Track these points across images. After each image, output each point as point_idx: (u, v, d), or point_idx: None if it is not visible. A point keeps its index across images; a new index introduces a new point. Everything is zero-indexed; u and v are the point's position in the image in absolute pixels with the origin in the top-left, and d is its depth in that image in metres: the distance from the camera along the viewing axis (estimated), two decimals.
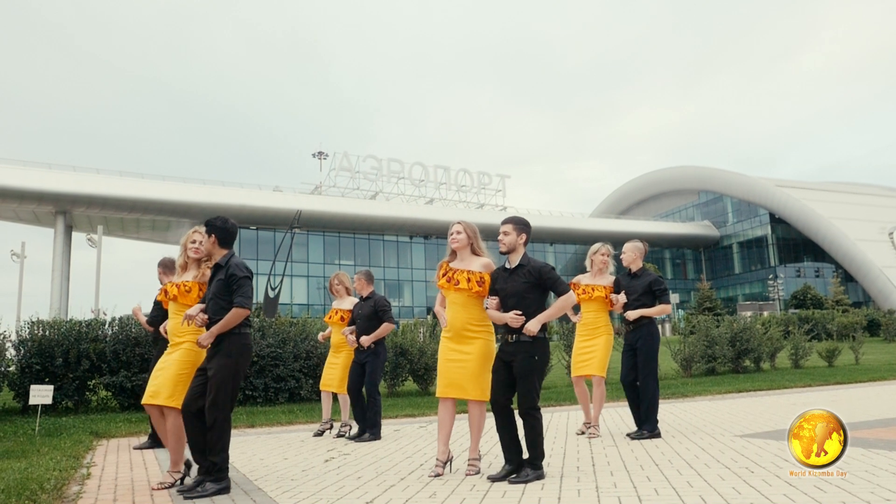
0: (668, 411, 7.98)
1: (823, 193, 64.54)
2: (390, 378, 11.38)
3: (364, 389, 6.60)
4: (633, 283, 6.20)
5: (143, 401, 4.50)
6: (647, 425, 5.94)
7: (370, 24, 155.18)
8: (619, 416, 7.67)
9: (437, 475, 4.40)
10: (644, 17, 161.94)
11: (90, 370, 9.37)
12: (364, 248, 53.41)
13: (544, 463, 4.44)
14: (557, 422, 7.38)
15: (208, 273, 4.50)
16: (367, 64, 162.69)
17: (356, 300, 6.98)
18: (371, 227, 52.82)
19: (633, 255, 6.27)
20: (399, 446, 5.98)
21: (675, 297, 57.60)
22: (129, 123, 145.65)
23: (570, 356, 12.57)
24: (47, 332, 9.37)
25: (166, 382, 4.40)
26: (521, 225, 4.54)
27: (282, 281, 27.97)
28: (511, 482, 4.11)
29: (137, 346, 9.49)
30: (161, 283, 6.40)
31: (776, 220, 63.41)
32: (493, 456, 5.18)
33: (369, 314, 6.59)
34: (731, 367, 14.55)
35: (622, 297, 6.14)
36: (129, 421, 8.10)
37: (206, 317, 4.31)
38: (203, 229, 4.54)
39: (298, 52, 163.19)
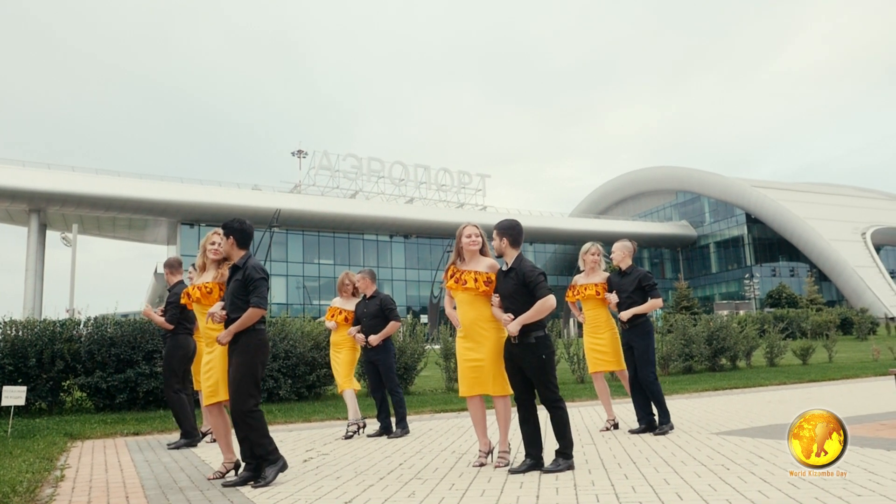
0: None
1: (799, 194, 65.48)
2: None
3: (386, 388, 6.70)
4: (624, 281, 6.28)
5: (204, 402, 4.73)
6: (662, 419, 6.04)
7: (353, 22, 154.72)
8: (598, 413, 7.71)
9: (481, 465, 4.68)
10: (628, 18, 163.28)
11: (64, 371, 9.24)
12: (344, 248, 53.23)
13: (519, 461, 4.46)
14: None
15: (227, 273, 4.68)
16: (349, 62, 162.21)
17: (358, 300, 7.01)
18: (351, 227, 52.65)
19: (622, 254, 6.36)
20: (378, 446, 5.97)
21: (611, 297, 58.14)
22: (106, 120, 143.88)
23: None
24: (20, 333, 9.22)
25: (221, 378, 4.59)
26: (503, 229, 4.69)
27: None
28: (544, 472, 4.28)
29: (113, 346, 9.37)
30: (169, 284, 6.49)
31: (752, 220, 64.21)
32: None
33: (375, 313, 6.63)
34: (708, 366, 14.71)
35: (614, 297, 6.25)
36: (105, 422, 8.00)
37: (225, 313, 4.49)
38: (222, 231, 4.71)
39: (280, 50, 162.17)
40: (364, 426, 6.87)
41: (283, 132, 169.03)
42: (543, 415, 4.49)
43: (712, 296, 65.33)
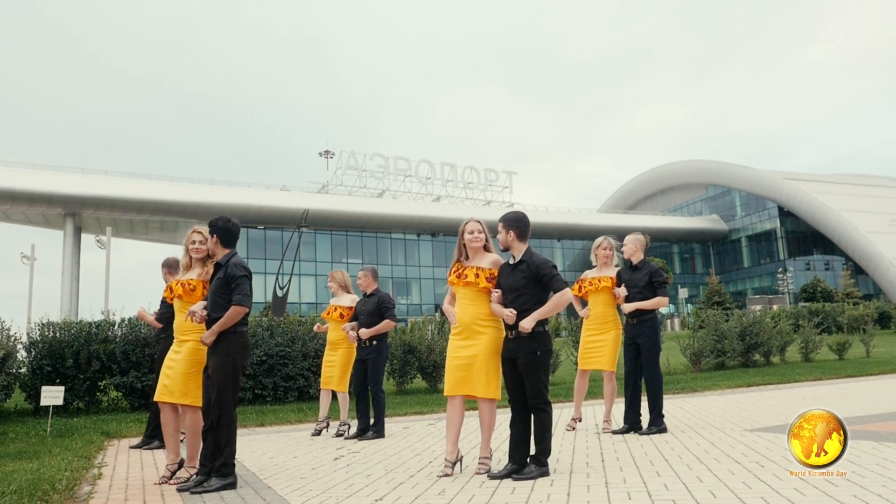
0: (678, 406, 7.95)
1: (833, 186, 64.13)
2: (399, 376, 11.39)
3: (369, 387, 6.60)
4: (635, 275, 6.17)
5: (155, 397, 4.61)
6: (653, 419, 5.94)
7: (376, 23, 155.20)
8: (618, 411, 7.64)
9: (446, 475, 4.34)
10: (651, 12, 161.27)
11: (100, 371, 9.43)
12: (371, 247, 53.45)
13: (552, 460, 4.44)
14: (568, 417, 7.36)
15: (212, 271, 4.58)
16: (373, 62, 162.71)
17: (355, 297, 6.99)
18: (378, 226, 52.86)
19: (633, 248, 6.24)
20: (408, 444, 5.98)
21: (683, 292, 57.46)
22: (137, 125, 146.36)
23: (577, 351, 12.64)
24: (58, 334, 9.44)
25: (177, 380, 4.51)
26: (509, 221, 4.58)
27: (290, 280, 28.03)
28: (514, 479, 4.10)
29: (147, 346, 9.54)
30: (166, 283, 6.46)
31: (785, 214, 63.06)
32: (503, 453, 5.18)
33: (372, 310, 6.60)
34: (741, 362, 14.49)
35: (623, 291, 6.12)
36: (140, 421, 8.14)
37: (205, 313, 4.38)
38: (203, 229, 4.65)
39: (305, 52, 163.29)
40: (328, 426, 6.94)
41: (310, 133, 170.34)
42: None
43: (745, 291, 64.32)
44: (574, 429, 6.34)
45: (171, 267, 6.55)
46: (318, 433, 6.91)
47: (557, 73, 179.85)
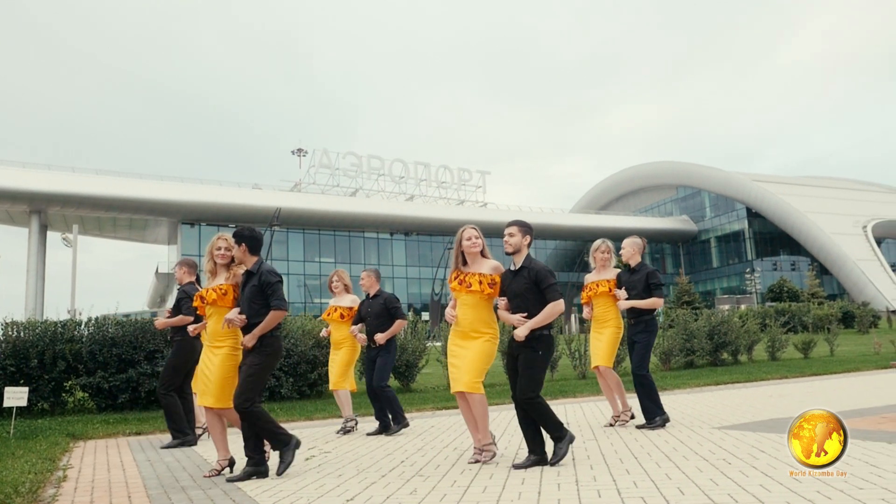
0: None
1: (799, 188, 65.42)
2: None
3: (374, 384, 6.64)
4: (633, 278, 6.33)
5: (198, 402, 5.00)
6: (658, 413, 6.07)
7: (354, 20, 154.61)
8: (599, 409, 7.72)
9: (476, 461, 4.64)
10: (627, 14, 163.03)
11: (66, 371, 9.25)
12: (344, 246, 53.22)
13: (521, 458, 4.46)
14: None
15: (239, 274, 4.82)
16: (350, 60, 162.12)
17: (356, 297, 6.98)
18: (351, 225, 52.64)
19: (631, 251, 6.42)
20: (380, 443, 5.97)
21: (620, 293, 58.06)
22: (107, 121, 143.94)
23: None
24: (22, 334, 9.22)
25: (215, 384, 4.68)
26: (525, 227, 4.78)
27: None
28: (552, 464, 4.38)
29: (114, 346, 9.38)
30: (181, 283, 6.53)
31: (753, 215, 64.13)
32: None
33: (379, 312, 6.60)
34: (710, 360, 14.70)
35: (623, 293, 6.28)
36: (107, 422, 8.01)
37: (244, 318, 4.59)
38: (227, 236, 4.92)
39: (280, 48, 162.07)
40: (356, 425, 6.90)
41: (283, 130, 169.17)
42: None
43: (714, 290, 65.30)
44: (613, 425, 6.40)
45: (191, 267, 6.59)
46: (346, 431, 6.81)
47: (534, 73, 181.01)
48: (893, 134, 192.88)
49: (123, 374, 9.32)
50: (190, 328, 5.97)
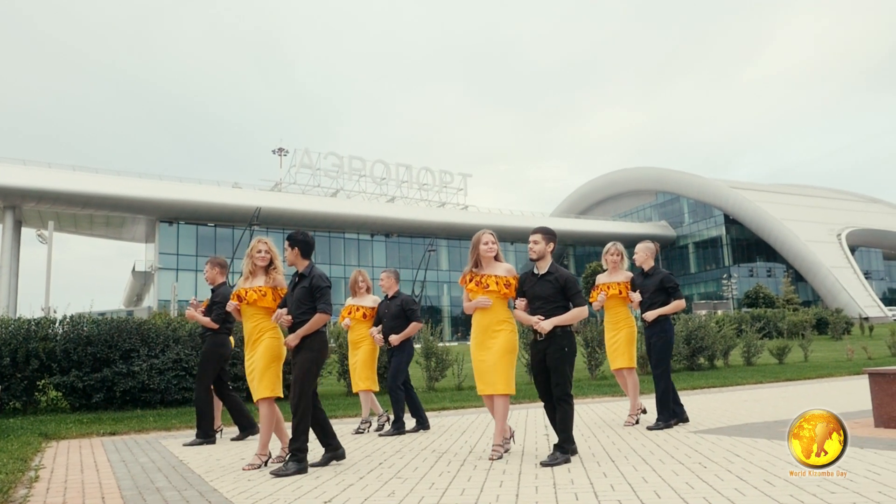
0: (625, 407, 8.10)
1: (776, 195, 66.30)
2: (348, 377, 11.29)
3: (387, 384, 6.75)
4: (646, 282, 6.45)
5: (255, 399, 5.08)
6: (660, 416, 6.19)
7: (337, 20, 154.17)
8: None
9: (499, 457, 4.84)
10: (608, 21, 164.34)
11: (39, 370, 9.11)
12: (324, 247, 52.99)
13: (514, 459, 4.47)
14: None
15: (278, 278, 5.10)
16: (332, 60, 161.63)
17: (377, 298, 7.03)
18: (332, 225, 52.44)
19: (644, 255, 6.55)
20: (358, 445, 5.95)
21: (634, 296, 58.54)
22: (85, 117, 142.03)
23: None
24: None
25: (259, 375, 4.99)
26: (549, 234, 5.05)
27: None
28: (542, 465, 4.48)
29: (89, 345, 9.25)
30: (213, 283, 6.55)
31: (730, 221, 64.89)
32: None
33: (396, 313, 6.65)
34: (686, 365, 14.84)
35: (637, 296, 6.42)
36: (80, 422, 7.90)
37: (290, 318, 4.83)
38: (266, 239, 5.22)
39: (262, 46, 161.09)
40: (369, 427, 6.90)
41: (264, 129, 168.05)
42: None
43: (691, 296, 65.95)
44: (636, 422, 6.52)
45: (222, 267, 6.63)
46: (379, 428, 6.85)
47: (516, 77, 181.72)
48: (868, 143, 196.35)
49: (98, 374, 9.20)
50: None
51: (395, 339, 6.62)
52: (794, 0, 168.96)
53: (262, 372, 4.97)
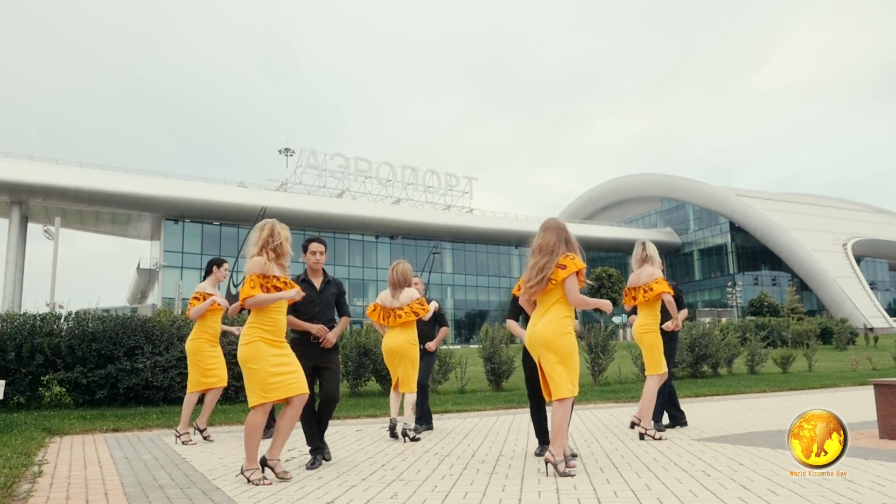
0: (629, 414, 8.08)
1: (782, 204, 66.14)
2: (353, 378, 11.32)
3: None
4: None
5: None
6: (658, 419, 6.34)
7: (345, 23, 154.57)
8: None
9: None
10: (613, 28, 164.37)
11: (44, 365, 9.14)
12: (329, 247, 52.63)
13: (504, 464, 4.45)
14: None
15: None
16: (340, 62, 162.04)
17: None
18: (337, 226, 52.50)
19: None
20: (361, 446, 5.95)
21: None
22: (93, 115, 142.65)
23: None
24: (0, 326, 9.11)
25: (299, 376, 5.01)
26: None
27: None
28: (536, 454, 4.76)
29: (94, 341, 9.28)
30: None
31: (736, 229, 64.75)
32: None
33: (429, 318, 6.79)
34: (690, 373, 14.81)
35: (671, 325, 6.45)
36: (84, 418, 7.92)
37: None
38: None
39: (271, 48, 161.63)
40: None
41: (271, 130, 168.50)
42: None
43: (695, 303, 65.83)
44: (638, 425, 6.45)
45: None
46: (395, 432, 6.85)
47: (520, 83, 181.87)
48: (874, 153, 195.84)
49: (102, 370, 9.22)
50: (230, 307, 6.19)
51: (431, 345, 6.92)
52: (799, 11, 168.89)
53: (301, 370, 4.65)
